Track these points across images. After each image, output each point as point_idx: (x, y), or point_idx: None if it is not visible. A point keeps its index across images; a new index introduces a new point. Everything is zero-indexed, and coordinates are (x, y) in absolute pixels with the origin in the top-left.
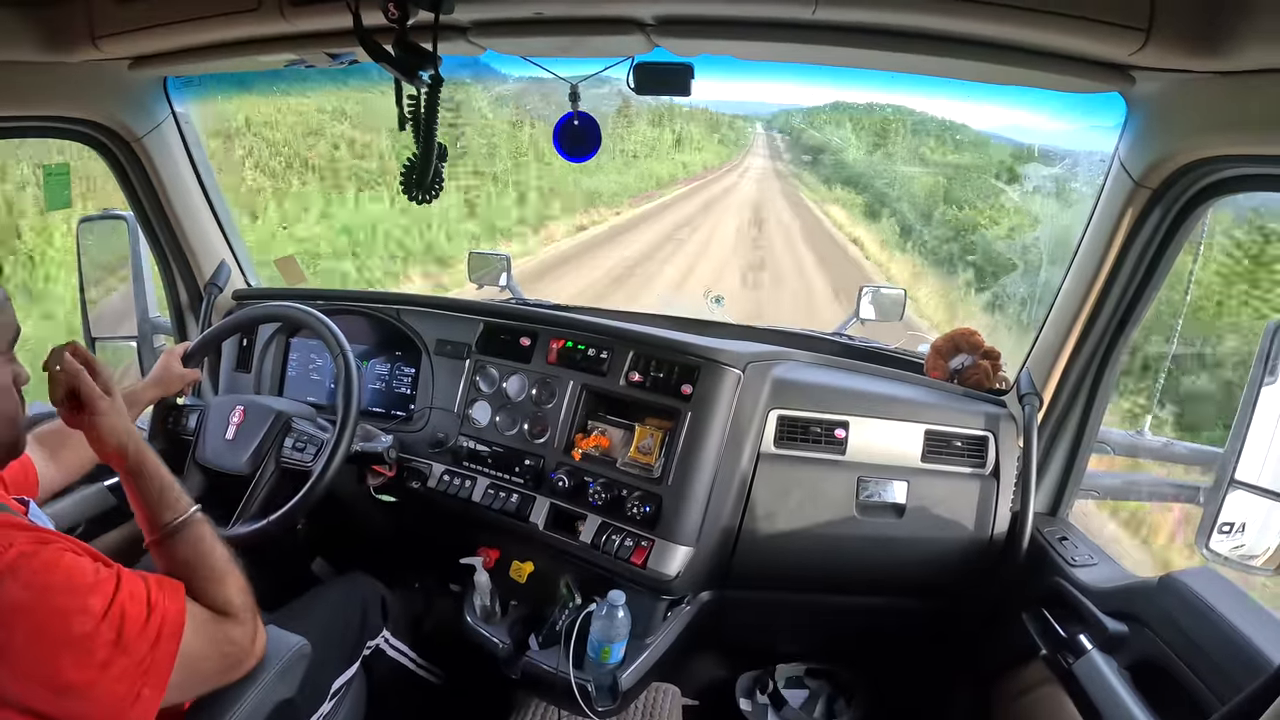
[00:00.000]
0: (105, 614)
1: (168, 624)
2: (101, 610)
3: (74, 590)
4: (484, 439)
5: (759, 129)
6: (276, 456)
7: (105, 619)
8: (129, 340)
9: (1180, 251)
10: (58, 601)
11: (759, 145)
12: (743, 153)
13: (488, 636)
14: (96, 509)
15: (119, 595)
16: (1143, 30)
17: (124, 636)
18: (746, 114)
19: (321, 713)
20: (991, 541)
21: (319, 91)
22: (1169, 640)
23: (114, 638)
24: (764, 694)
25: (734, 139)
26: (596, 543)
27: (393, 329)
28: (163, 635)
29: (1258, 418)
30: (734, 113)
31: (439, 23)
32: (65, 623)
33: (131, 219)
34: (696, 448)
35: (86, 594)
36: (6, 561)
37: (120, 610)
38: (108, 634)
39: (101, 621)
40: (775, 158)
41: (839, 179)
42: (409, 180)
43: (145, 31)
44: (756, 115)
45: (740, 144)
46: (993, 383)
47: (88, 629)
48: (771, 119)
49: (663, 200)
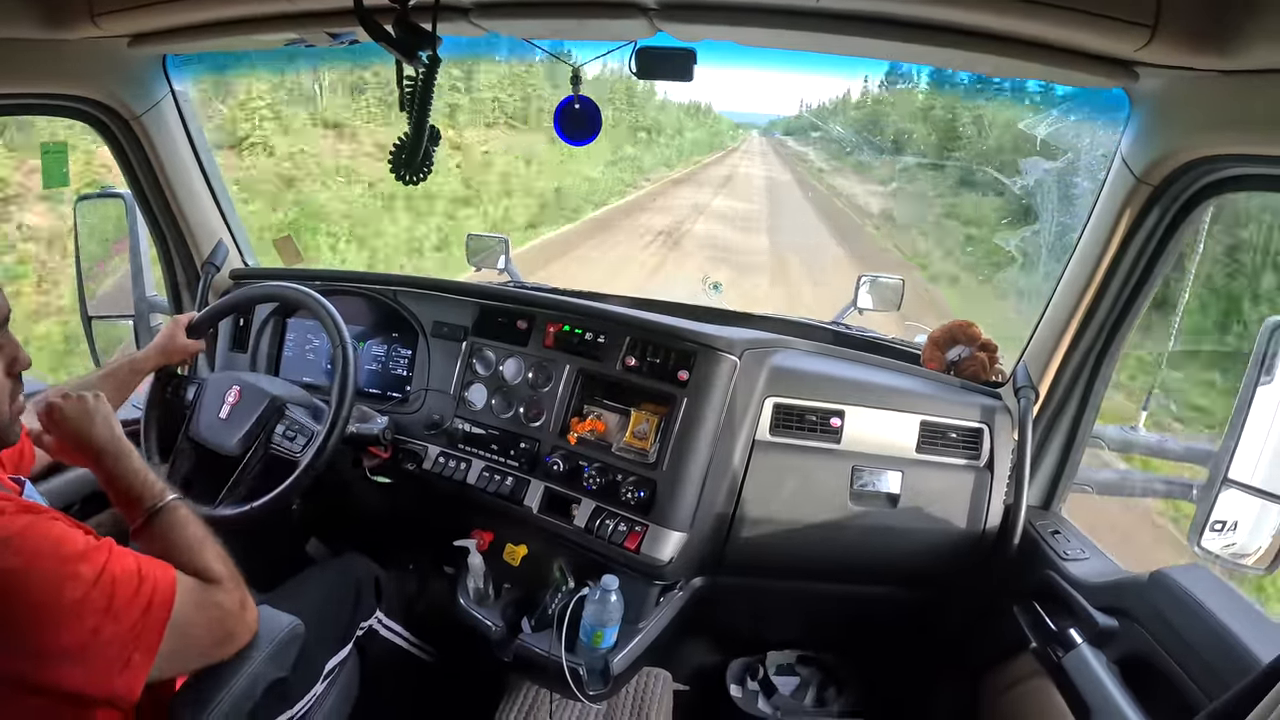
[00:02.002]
0: (96, 581)
1: (159, 592)
2: (92, 577)
3: (64, 558)
4: (480, 421)
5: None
6: (266, 442)
7: (96, 585)
8: (126, 319)
9: (1180, 249)
10: (48, 568)
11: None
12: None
13: (480, 619)
14: (91, 488)
15: (109, 564)
16: (1148, 27)
17: (114, 603)
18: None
19: (314, 693)
20: (984, 534)
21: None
22: (1158, 636)
23: (105, 604)
24: (755, 680)
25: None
26: (590, 527)
27: (390, 310)
28: (154, 603)
29: (1252, 417)
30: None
31: (439, 3)
32: (56, 589)
33: (129, 197)
34: (692, 434)
35: (77, 561)
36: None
37: (111, 578)
38: (98, 600)
39: (92, 588)
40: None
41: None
42: (397, 160)
43: (145, 9)
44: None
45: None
46: (989, 375)
47: (78, 595)
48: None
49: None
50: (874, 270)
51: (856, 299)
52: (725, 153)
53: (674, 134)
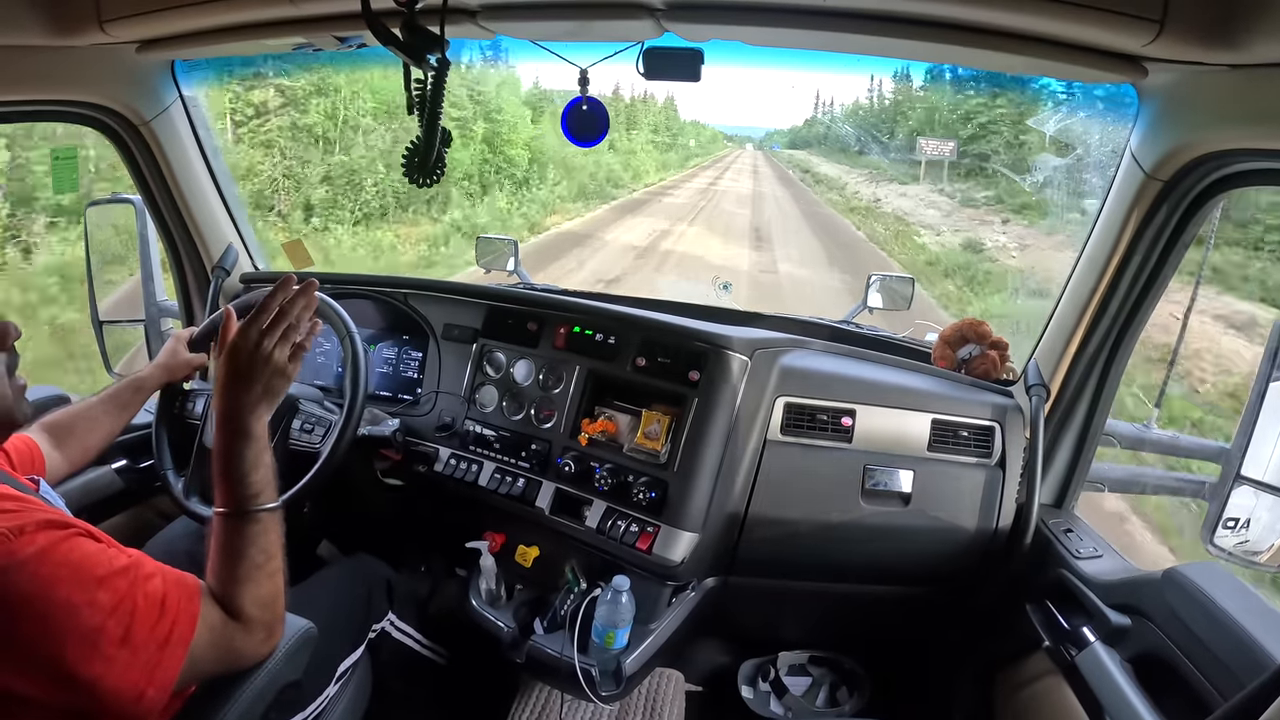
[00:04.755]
0: (114, 609)
1: (178, 626)
2: (111, 605)
3: (83, 584)
4: (490, 423)
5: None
6: (284, 439)
7: (114, 615)
8: (137, 323)
9: (1190, 244)
10: (65, 594)
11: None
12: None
13: (492, 620)
14: (103, 492)
15: (131, 591)
16: (1156, 22)
17: (132, 634)
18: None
19: (327, 695)
20: (996, 532)
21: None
22: (1172, 634)
23: (121, 635)
24: (766, 681)
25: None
26: (602, 528)
27: (400, 313)
28: (172, 638)
29: (1264, 414)
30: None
31: (447, 6)
32: (72, 616)
33: (139, 203)
34: (703, 434)
35: (96, 588)
36: (18, 552)
37: (131, 607)
38: (115, 630)
39: (109, 617)
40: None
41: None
42: (410, 163)
43: (153, 15)
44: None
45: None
46: (1000, 373)
47: (95, 623)
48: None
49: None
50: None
51: (867, 298)
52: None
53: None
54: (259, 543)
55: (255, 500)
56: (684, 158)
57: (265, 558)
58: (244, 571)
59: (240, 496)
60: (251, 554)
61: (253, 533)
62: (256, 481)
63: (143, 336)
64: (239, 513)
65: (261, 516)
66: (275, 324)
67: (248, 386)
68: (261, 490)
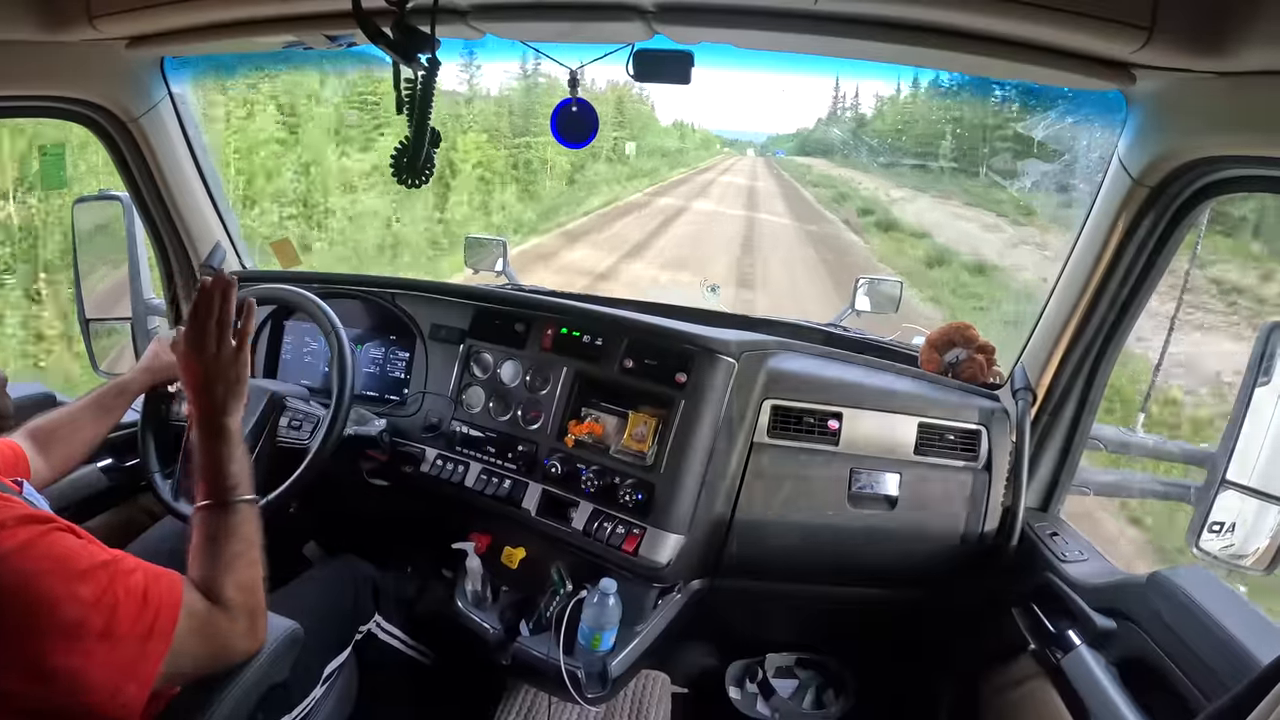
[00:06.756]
0: (96, 603)
1: (161, 618)
2: (92, 599)
3: (64, 577)
4: (477, 424)
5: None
6: (272, 436)
7: (95, 607)
8: (123, 321)
9: (1177, 250)
10: (45, 587)
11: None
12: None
13: (478, 622)
14: (89, 490)
15: (113, 585)
16: (1145, 28)
17: (113, 627)
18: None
19: (313, 696)
20: (982, 536)
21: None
22: (1157, 638)
23: (102, 628)
24: (753, 683)
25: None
26: (588, 530)
27: (387, 313)
28: (154, 632)
29: (1249, 419)
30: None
31: (438, 5)
32: (52, 609)
33: (127, 200)
34: (689, 436)
35: (78, 581)
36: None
37: (113, 600)
38: (96, 623)
39: (91, 610)
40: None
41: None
42: (399, 164)
43: (143, 11)
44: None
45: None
46: (987, 377)
47: (75, 616)
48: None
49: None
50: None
51: (854, 301)
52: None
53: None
54: (240, 531)
55: (234, 492)
56: (669, 165)
57: (246, 545)
58: (226, 559)
59: (220, 489)
60: (232, 542)
61: (233, 523)
62: (234, 474)
63: (129, 334)
64: (220, 504)
65: (241, 507)
66: (205, 325)
67: (210, 389)
68: (239, 483)
